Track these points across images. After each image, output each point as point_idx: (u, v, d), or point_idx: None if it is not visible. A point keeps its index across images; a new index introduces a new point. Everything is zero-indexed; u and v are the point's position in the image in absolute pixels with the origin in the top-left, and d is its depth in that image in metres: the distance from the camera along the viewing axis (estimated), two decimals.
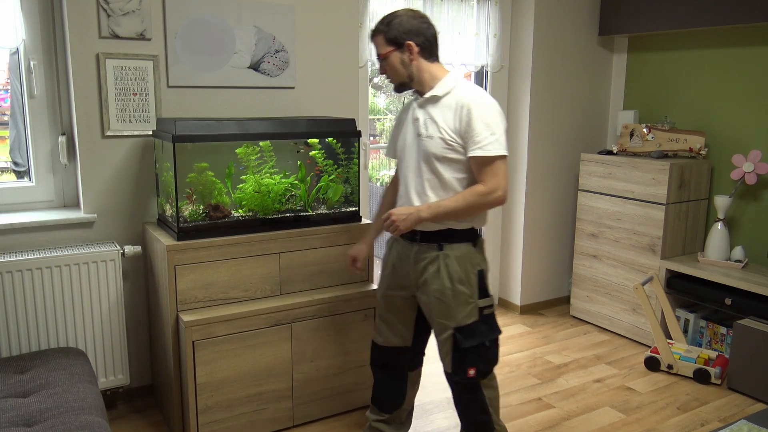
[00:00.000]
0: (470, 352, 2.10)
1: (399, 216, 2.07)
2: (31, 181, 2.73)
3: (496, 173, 2.02)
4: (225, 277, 2.50)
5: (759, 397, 2.99)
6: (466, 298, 2.10)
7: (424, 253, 2.15)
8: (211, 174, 2.57)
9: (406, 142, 2.19)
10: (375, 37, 2.14)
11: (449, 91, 2.09)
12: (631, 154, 3.71)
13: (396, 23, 2.08)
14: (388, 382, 2.39)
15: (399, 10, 2.13)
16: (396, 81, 2.17)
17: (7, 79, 2.69)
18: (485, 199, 2.03)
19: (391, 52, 2.10)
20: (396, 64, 2.11)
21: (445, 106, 2.07)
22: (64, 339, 2.54)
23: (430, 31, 2.11)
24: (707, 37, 3.64)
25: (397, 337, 2.33)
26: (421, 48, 2.09)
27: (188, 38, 2.72)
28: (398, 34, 2.08)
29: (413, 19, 2.09)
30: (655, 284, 3.38)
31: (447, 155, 2.06)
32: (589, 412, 2.88)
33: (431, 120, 2.09)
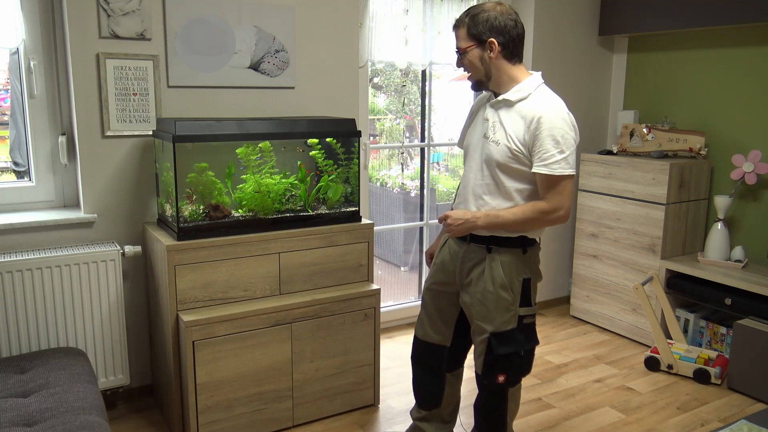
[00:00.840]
0: (502, 359, 2.06)
1: (455, 220, 2.02)
2: (31, 181, 2.73)
3: (561, 192, 1.95)
4: (225, 276, 2.50)
5: (759, 397, 2.99)
6: (506, 305, 2.05)
7: (472, 254, 2.11)
8: (211, 174, 2.57)
9: (473, 139, 2.13)
10: (457, 29, 2.04)
11: (525, 97, 1.99)
12: (631, 154, 3.71)
13: (482, 18, 1.98)
14: (425, 379, 2.35)
15: (487, 3, 2.01)
16: (473, 78, 2.07)
17: (7, 79, 2.69)
18: (546, 217, 1.97)
19: (472, 48, 2.01)
20: (475, 60, 2.02)
21: (517, 113, 1.99)
22: (64, 339, 2.54)
23: (516, 31, 2.00)
24: (707, 37, 3.64)
25: (436, 334, 2.28)
26: (503, 47, 1.99)
27: (188, 38, 2.72)
28: (482, 30, 1.98)
29: (501, 15, 1.98)
30: (655, 284, 3.38)
31: (510, 164, 1.99)
32: (589, 412, 2.88)
33: (500, 124, 2.01)
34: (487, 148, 2.04)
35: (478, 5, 2.03)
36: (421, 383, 2.37)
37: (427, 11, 3.50)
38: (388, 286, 4.30)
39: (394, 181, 5.17)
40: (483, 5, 2.02)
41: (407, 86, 4.55)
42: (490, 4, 2.02)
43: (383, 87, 4.60)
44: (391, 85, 4.79)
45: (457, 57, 2.08)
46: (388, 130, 4.91)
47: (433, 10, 3.52)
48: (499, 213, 1.99)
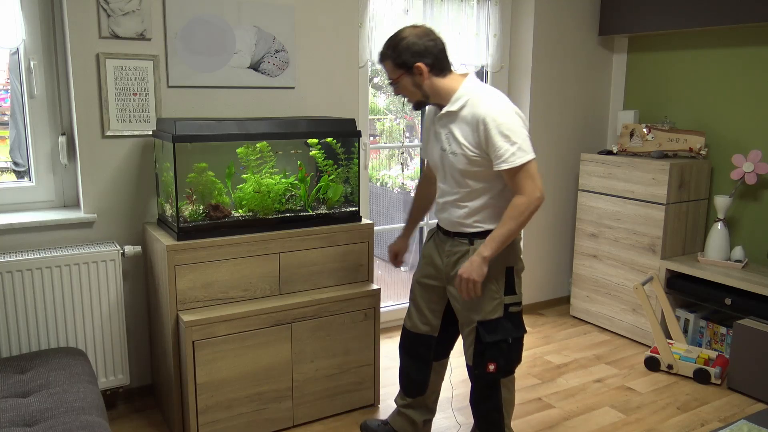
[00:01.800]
0: (491, 347, 2.12)
1: (470, 273, 2.03)
2: (31, 181, 2.73)
3: (529, 177, 2.00)
4: (225, 276, 2.50)
5: (759, 397, 2.99)
6: (492, 294, 2.12)
7: (457, 247, 2.19)
8: (211, 174, 2.57)
9: (434, 155, 2.21)
10: (383, 63, 2.12)
11: (464, 104, 2.06)
12: (631, 154, 3.71)
13: (403, 46, 2.04)
14: (412, 367, 2.43)
15: (404, 30, 2.08)
16: (412, 101, 2.16)
17: (7, 79, 2.69)
18: (529, 208, 2.01)
19: (402, 76, 2.09)
20: (409, 86, 2.10)
21: (463, 121, 2.06)
22: (64, 339, 2.54)
23: (437, 47, 2.07)
24: (707, 37, 3.64)
25: (424, 325, 2.37)
26: (430, 67, 2.06)
27: (188, 38, 2.72)
28: (407, 58, 2.05)
29: (419, 38, 2.05)
30: (655, 284, 3.38)
31: (472, 169, 2.07)
32: (589, 412, 2.88)
33: (452, 136, 2.09)
34: (448, 161, 2.13)
35: (396, 35, 2.08)
36: (408, 371, 2.45)
37: (427, 11, 3.50)
38: (388, 286, 4.29)
39: (394, 181, 5.17)
40: (400, 33, 2.08)
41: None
42: (407, 30, 2.08)
43: (383, 87, 4.60)
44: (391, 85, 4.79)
45: (392, 87, 2.16)
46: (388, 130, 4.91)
47: (433, 10, 3.52)
48: (494, 235, 2.04)
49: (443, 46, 2.09)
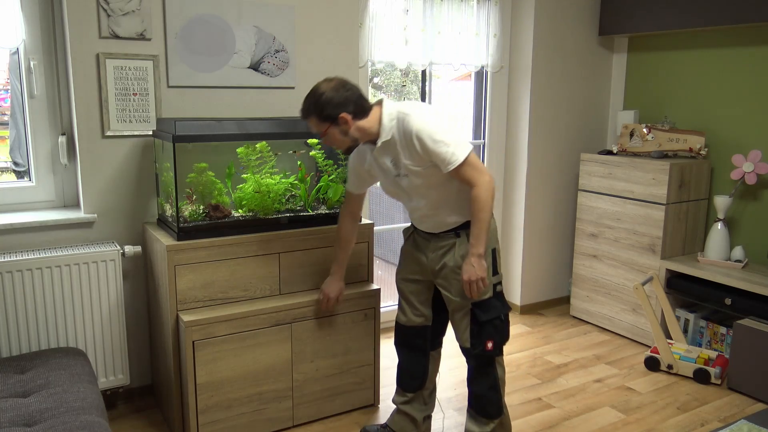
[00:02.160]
0: (488, 326, 2.24)
1: (471, 273, 2.14)
2: (31, 181, 2.73)
3: (473, 168, 2.11)
4: (225, 276, 2.50)
5: (759, 397, 2.99)
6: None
7: (443, 241, 2.28)
8: (211, 174, 2.57)
9: (389, 184, 2.30)
10: (308, 120, 2.17)
11: (393, 131, 2.15)
12: (631, 154, 3.71)
13: (324, 101, 2.10)
14: (411, 360, 2.49)
15: (320, 86, 2.14)
16: (342, 147, 2.22)
17: (7, 79, 2.69)
18: (487, 194, 2.11)
19: (329, 128, 2.15)
20: (337, 136, 2.17)
21: (399, 145, 2.15)
22: (64, 339, 2.54)
23: (355, 94, 2.15)
24: (707, 37, 3.64)
25: (418, 317, 2.45)
26: (353, 114, 2.13)
27: (188, 38, 2.72)
28: (330, 112, 2.11)
29: (336, 91, 2.11)
30: (655, 284, 3.38)
31: (430, 179, 2.17)
32: (589, 412, 2.88)
33: (397, 161, 2.19)
34: (405, 183, 2.22)
35: (314, 92, 2.14)
36: (407, 366, 2.51)
37: (427, 11, 3.50)
38: (388, 286, 4.29)
39: None
40: (317, 90, 2.13)
41: (407, 86, 4.56)
42: (323, 85, 2.14)
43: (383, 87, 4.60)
44: (391, 85, 4.79)
45: (320, 139, 2.20)
46: None
47: (433, 10, 3.52)
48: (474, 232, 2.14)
49: (359, 92, 2.17)
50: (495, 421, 2.34)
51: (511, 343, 3.64)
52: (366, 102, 2.17)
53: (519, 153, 3.98)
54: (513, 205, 4.08)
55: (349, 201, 2.47)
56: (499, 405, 2.34)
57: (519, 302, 4.11)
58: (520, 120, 3.95)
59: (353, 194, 2.44)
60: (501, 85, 3.97)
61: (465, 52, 3.71)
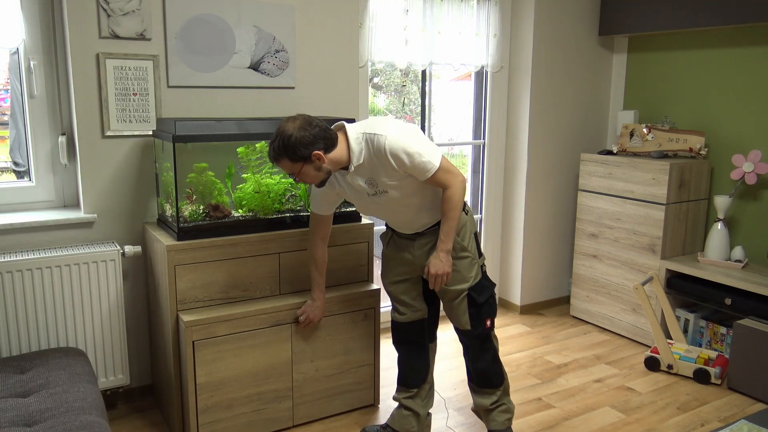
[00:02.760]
0: (485, 306, 2.37)
1: (440, 267, 2.24)
2: (31, 181, 2.73)
3: (446, 172, 2.18)
4: (225, 276, 2.50)
5: (759, 397, 2.99)
6: (470, 261, 2.35)
7: (426, 238, 2.36)
8: (211, 174, 2.57)
9: (363, 203, 2.32)
10: (279, 162, 2.14)
11: (363, 153, 2.16)
12: (631, 154, 3.71)
13: (293, 143, 2.07)
14: (413, 356, 2.53)
15: (285, 127, 2.10)
16: (316, 181, 2.20)
17: (7, 79, 2.69)
18: (458, 195, 2.21)
19: (303, 167, 2.13)
20: (312, 173, 2.15)
21: (372, 165, 2.17)
22: (64, 339, 2.54)
23: (322, 129, 2.12)
24: (707, 37, 3.64)
25: (415, 312, 2.49)
26: (325, 149, 2.12)
27: (188, 38, 2.72)
28: (302, 152, 2.09)
29: (304, 129, 2.09)
30: (655, 284, 3.38)
31: (408, 189, 2.21)
32: (589, 412, 2.88)
33: (373, 181, 2.21)
34: (382, 200, 2.25)
35: (280, 134, 2.10)
36: (410, 361, 2.54)
37: (427, 11, 3.50)
38: None
39: None
40: (284, 132, 2.10)
41: (407, 86, 4.56)
42: (289, 126, 2.10)
43: (383, 87, 4.60)
44: (391, 85, 4.79)
45: (294, 178, 2.18)
46: None
47: (433, 10, 3.52)
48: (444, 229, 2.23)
49: (325, 125, 2.15)
50: (500, 388, 2.49)
51: (511, 343, 3.64)
52: (333, 133, 2.16)
53: (519, 153, 3.98)
54: (513, 205, 4.08)
55: (319, 225, 2.44)
56: (501, 373, 2.49)
57: (519, 302, 4.11)
58: (520, 120, 3.95)
59: (322, 216, 2.42)
60: (501, 85, 3.97)
61: (465, 52, 3.71)
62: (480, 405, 2.52)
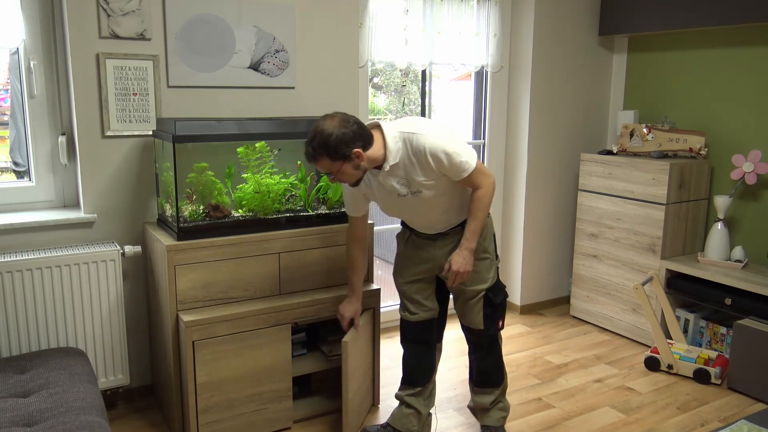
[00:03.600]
0: (499, 307, 2.41)
1: (462, 264, 2.24)
2: (31, 181, 2.73)
3: (480, 174, 2.21)
4: (225, 277, 2.50)
5: (759, 397, 2.99)
6: (489, 263, 2.40)
7: (449, 238, 2.38)
8: (211, 174, 2.57)
9: (391, 203, 2.31)
10: (317, 161, 2.12)
11: (399, 153, 2.16)
12: (631, 154, 3.71)
13: (333, 141, 2.06)
14: (420, 354, 2.53)
15: (323, 125, 2.09)
16: (352, 180, 2.20)
17: (7, 79, 2.69)
18: (488, 196, 2.24)
19: (342, 166, 2.12)
20: (350, 171, 2.14)
21: (409, 164, 2.17)
22: (64, 339, 2.54)
23: (360, 126, 2.12)
24: (707, 37, 3.64)
25: (426, 312, 2.50)
26: (363, 147, 2.12)
27: (188, 38, 2.72)
28: (342, 150, 2.08)
29: (342, 127, 2.07)
30: (655, 284, 3.38)
31: (440, 190, 2.23)
32: (589, 412, 2.88)
33: (407, 181, 2.21)
34: (413, 200, 2.25)
35: (318, 131, 2.08)
36: (417, 360, 2.54)
37: (427, 11, 3.50)
38: (388, 286, 4.29)
39: None
40: (322, 130, 2.08)
41: (407, 86, 4.55)
42: (327, 124, 2.09)
43: (383, 87, 4.60)
44: (391, 85, 4.79)
45: (331, 177, 2.18)
46: None
47: (433, 10, 3.52)
48: (470, 228, 2.25)
49: (361, 122, 2.15)
50: (500, 387, 2.53)
51: (511, 343, 3.64)
52: (369, 131, 2.16)
53: (519, 153, 3.98)
54: (513, 205, 4.08)
55: (353, 226, 2.46)
56: (503, 373, 2.53)
57: (519, 302, 4.11)
58: (520, 120, 3.95)
59: (355, 218, 2.44)
60: (501, 85, 3.97)
61: (465, 52, 3.71)
62: (479, 404, 2.54)
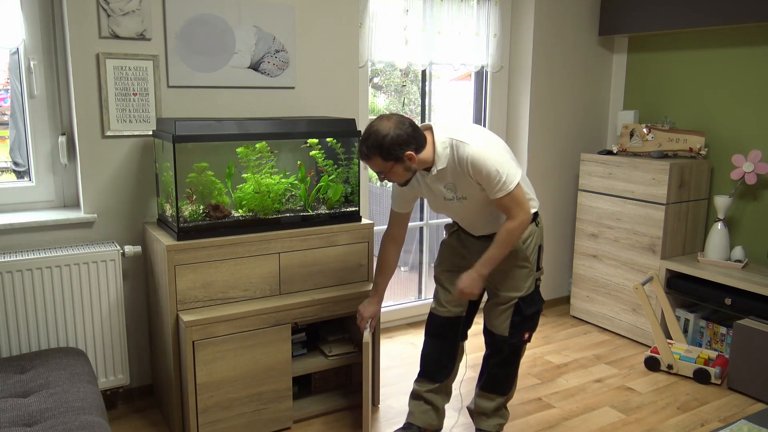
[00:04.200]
0: (529, 319, 2.37)
1: (468, 285, 2.23)
2: (31, 181, 2.73)
3: (516, 204, 2.17)
4: (225, 276, 2.50)
5: (759, 397, 2.99)
6: (528, 272, 2.35)
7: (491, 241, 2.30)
8: (211, 174, 2.57)
9: (438, 205, 2.34)
10: (369, 160, 2.13)
11: (448, 158, 2.17)
12: (631, 154, 3.71)
13: (388, 142, 2.06)
14: (442, 351, 2.51)
15: (379, 125, 2.10)
16: (401, 180, 2.21)
17: (7, 79, 2.69)
18: (517, 231, 2.20)
19: (393, 166, 2.13)
20: (401, 172, 2.15)
21: (454, 172, 2.18)
22: (64, 339, 2.54)
23: (414, 128, 2.12)
24: (707, 37, 3.64)
25: (456, 308, 2.48)
26: (416, 150, 2.12)
27: (188, 38, 2.72)
28: (396, 152, 2.08)
29: (398, 128, 2.08)
30: (655, 284, 3.38)
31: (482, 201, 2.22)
32: (589, 412, 2.88)
33: (453, 186, 2.23)
34: (457, 205, 2.27)
35: (373, 131, 2.09)
36: (437, 356, 2.52)
37: (427, 11, 3.50)
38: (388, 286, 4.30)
39: None
40: (378, 130, 2.09)
41: (407, 86, 4.55)
42: (383, 125, 2.09)
43: (383, 87, 4.60)
44: (391, 85, 4.79)
45: (381, 176, 2.18)
46: None
47: (433, 10, 3.52)
48: (489, 255, 2.22)
49: (415, 125, 2.14)
50: (506, 396, 2.51)
51: None
52: (422, 133, 2.16)
53: (519, 153, 3.98)
54: None
55: (393, 223, 2.44)
56: (514, 384, 2.51)
57: None
58: (520, 120, 3.95)
59: (399, 214, 2.42)
60: (501, 85, 3.97)
61: (465, 52, 3.71)
62: (481, 407, 2.52)
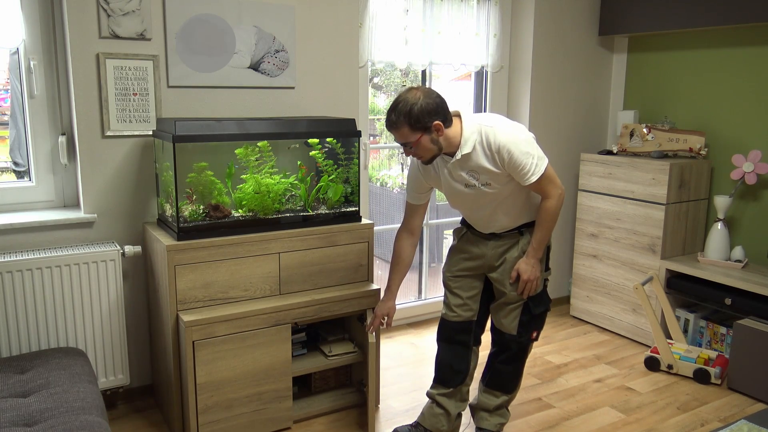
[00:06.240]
0: (537, 318, 2.38)
1: (531, 273, 2.27)
2: (31, 181, 2.73)
3: (550, 182, 2.20)
4: (225, 276, 2.50)
5: (759, 397, 2.99)
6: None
7: (504, 240, 2.35)
8: (211, 174, 2.57)
9: (456, 192, 2.29)
10: (396, 130, 2.12)
11: (475, 143, 2.16)
12: (631, 154, 3.71)
13: (416, 111, 2.06)
14: (455, 357, 2.48)
15: (408, 95, 2.10)
16: (426, 157, 2.19)
17: (7, 79, 2.69)
18: (557, 207, 2.23)
19: (421, 137, 2.12)
20: (427, 145, 2.14)
21: (479, 157, 2.17)
22: (64, 339, 2.54)
23: (442, 101, 2.12)
24: (707, 37, 3.64)
25: (467, 312, 2.46)
26: (444, 121, 2.12)
27: (188, 38, 2.72)
28: (425, 121, 2.08)
29: (426, 98, 2.08)
30: (655, 284, 3.38)
31: (506, 189, 2.22)
32: (589, 412, 2.88)
33: (474, 173, 2.20)
34: (478, 193, 2.24)
35: (402, 101, 2.09)
36: (450, 361, 2.49)
37: (427, 11, 3.50)
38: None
39: (394, 181, 5.18)
40: (407, 99, 2.09)
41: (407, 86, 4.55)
42: (411, 94, 2.10)
43: (383, 87, 4.60)
44: (391, 85, 4.79)
45: (406, 149, 2.17)
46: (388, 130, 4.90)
47: (433, 10, 3.52)
48: (537, 238, 2.26)
49: (443, 98, 2.14)
50: (510, 395, 2.51)
51: None
52: (449, 108, 2.16)
53: None
54: None
55: (410, 215, 2.43)
56: (518, 383, 2.51)
57: None
58: (520, 120, 3.94)
59: (414, 206, 2.41)
60: (501, 85, 3.98)
61: (465, 52, 3.71)
62: (483, 404, 2.51)
